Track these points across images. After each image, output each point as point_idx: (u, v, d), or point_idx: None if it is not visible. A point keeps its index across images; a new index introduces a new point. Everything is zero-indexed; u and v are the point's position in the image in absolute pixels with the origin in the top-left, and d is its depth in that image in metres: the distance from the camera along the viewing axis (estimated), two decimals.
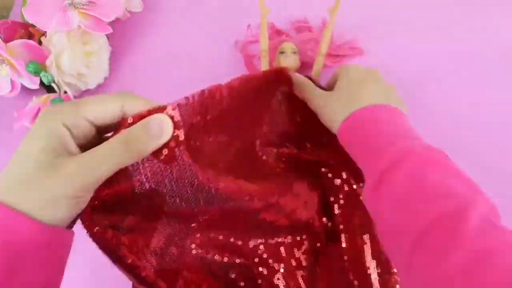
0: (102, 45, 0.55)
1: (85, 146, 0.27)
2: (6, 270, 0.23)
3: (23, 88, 0.52)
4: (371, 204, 0.33)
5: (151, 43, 0.59)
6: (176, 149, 0.29)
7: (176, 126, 0.28)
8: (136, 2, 0.58)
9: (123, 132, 0.27)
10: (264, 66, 0.49)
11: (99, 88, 0.56)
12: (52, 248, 0.26)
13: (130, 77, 0.57)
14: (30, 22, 0.50)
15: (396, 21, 0.55)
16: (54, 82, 0.51)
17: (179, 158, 0.29)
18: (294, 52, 0.50)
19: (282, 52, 0.50)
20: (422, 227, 0.26)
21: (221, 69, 0.55)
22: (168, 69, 0.57)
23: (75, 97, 0.53)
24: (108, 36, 0.56)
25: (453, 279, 0.23)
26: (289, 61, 0.49)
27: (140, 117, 0.27)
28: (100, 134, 0.28)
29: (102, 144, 0.26)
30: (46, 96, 0.51)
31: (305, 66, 0.51)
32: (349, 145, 0.36)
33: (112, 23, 0.53)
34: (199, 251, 0.39)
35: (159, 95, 0.54)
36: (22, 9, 0.50)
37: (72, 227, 0.29)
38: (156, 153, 0.28)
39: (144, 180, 0.29)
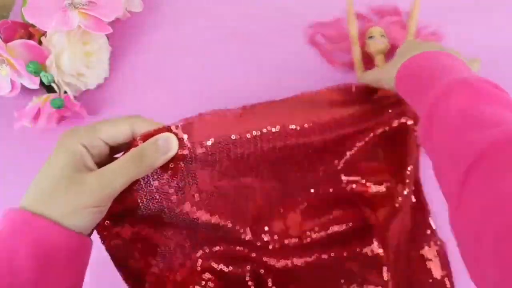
0: (102, 45, 0.55)
1: (100, 164, 0.30)
2: (37, 272, 0.26)
3: (23, 88, 0.52)
4: (424, 140, 0.32)
5: (151, 43, 0.59)
6: (181, 163, 0.32)
7: (180, 142, 0.32)
8: (136, 2, 0.58)
9: (135, 149, 0.30)
10: (356, 53, 0.51)
11: (99, 88, 0.56)
12: (77, 253, 0.29)
13: (130, 77, 0.57)
14: (30, 22, 0.50)
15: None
16: (54, 82, 0.51)
17: (184, 170, 0.32)
18: (383, 35, 0.51)
19: (371, 37, 0.51)
20: (476, 153, 0.25)
21: (221, 69, 0.55)
22: (168, 69, 0.57)
23: (75, 97, 0.53)
24: (108, 36, 0.56)
25: (508, 201, 0.22)
26: (379, 44, 0.50)
27: (148, 136, 0.31)
28: (112, 153, 0.32)
29: (117, 160, 0.30)
30: (46, 96, 0.51)
31: (393, 49, 0.51)
32: (405, 91, 0.37)
33: (112, 23, 0.53)
34: (210, 262, 0.39)
35: (159, 95, 0.55)
36: (22, 9, 0.50)
37: (90, 236, 0.31)
38: (164, 167, 0.31)
39: (154, 190, 0.32)
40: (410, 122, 0.41)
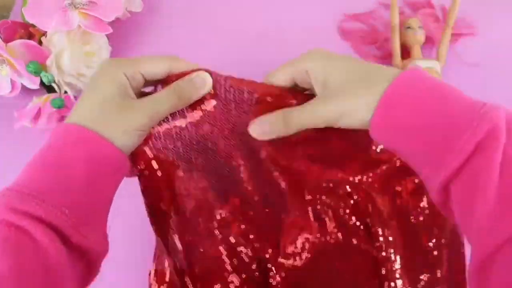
0: (102, 45, 0.55)
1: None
2: (86, 182, 0.29)
3: (23, 88, 0.52)
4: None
5: (151, 43, 0.59)
6: (206, 102, 0.34)
7: (213, 85, 0.34)
8: (136, 2, 0.58)
9: (176, 82, 0.33)
10: (396, 42, 0.52)
11: None
12: (119, 171, 0.32)
13: None
14: (30, 22, 0.50)
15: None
16: (54, 82, 0.51)
17: (207, 111, 0.35)
18: (420, 27, 0.53)
19: (408, 27, 0.52)
20: None
21: (221, 70, 0.55)
22: None
23: (75, 97, 0.53)
24: (108, 36, 0.56)
25: None
26: (418, 35, 0.52)
27: (184, 74, 0.33)
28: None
29: (160, 91, 0.33)
30: (46, 96, 0.51)
31: (427, 41, 0.53)
32: (395, 140, 0.29)
33: (112, 23, 0.53)
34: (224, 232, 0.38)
35: None
36: (22, 9, 0.50)
37: None
38: (194, 104, 0.34)
39: (184, 125, 0.34)
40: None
